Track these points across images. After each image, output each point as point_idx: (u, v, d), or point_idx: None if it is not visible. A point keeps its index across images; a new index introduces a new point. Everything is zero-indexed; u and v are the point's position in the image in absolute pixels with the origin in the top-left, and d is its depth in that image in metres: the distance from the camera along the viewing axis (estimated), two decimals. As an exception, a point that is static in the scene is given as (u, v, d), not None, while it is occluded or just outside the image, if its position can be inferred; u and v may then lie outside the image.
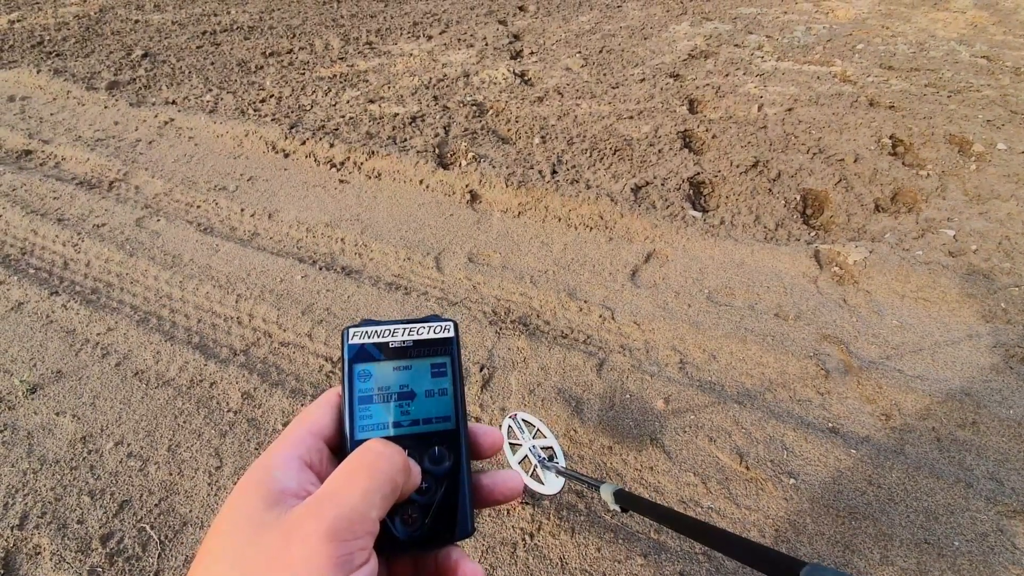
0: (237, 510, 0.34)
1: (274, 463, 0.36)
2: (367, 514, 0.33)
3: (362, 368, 0.42)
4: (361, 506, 0.33)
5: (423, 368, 0.43)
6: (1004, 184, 2.84)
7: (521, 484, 0.45)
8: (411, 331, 0.44)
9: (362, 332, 0.43)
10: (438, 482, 0.40)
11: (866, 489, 1.63)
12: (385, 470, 0.35)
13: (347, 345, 0.43)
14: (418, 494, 0.40)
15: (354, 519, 0.32)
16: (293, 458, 0.37)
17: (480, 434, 0.44)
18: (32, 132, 3.55)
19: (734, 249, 2.50)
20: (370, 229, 2.72)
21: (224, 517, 0.34)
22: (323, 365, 2.03)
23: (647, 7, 5.66)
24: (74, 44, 4.84)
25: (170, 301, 2.31)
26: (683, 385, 1.93)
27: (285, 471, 0.36)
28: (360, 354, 0.42)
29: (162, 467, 1.69)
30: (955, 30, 4.74)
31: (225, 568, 0.31)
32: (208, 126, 3.54)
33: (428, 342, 0.44)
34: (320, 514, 0.32)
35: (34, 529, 1.53)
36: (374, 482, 0.34)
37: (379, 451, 0.36)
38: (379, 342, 0.43)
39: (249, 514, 0.33)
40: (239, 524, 0.33)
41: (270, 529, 0.32)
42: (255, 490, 0.34)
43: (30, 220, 2.74)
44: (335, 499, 0.33)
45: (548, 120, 3.48)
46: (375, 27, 5.20)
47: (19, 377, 1.96)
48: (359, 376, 0.42)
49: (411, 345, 0.43)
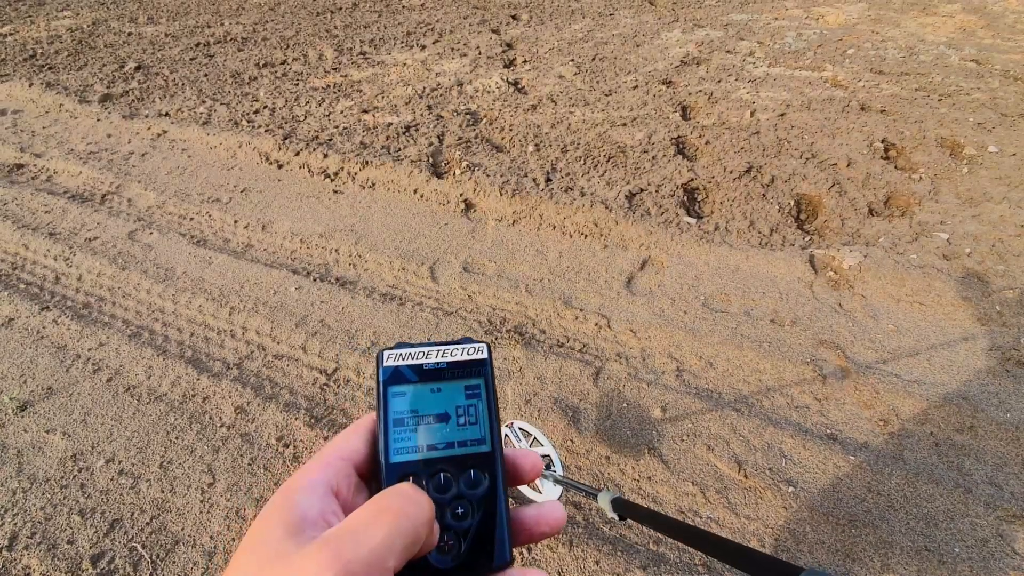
0: (257, 537, 0.33)
1: (299, 488, 0.35)
2: (385, 561, 0.31)
3: (397, 390, 0.42)
4: (380, 551, 0.31)
5: (457, 390, 0.43)
6: (996, 186, 2.85)
7: (564, 517, 0.43)
8: (445, 353, 0.43)
9: (396, 355, 0.43)
10: (475, 507, 0.39)
11: (865, 496, 1.62)
12: (412, 518, 0.33)
13: (382, 368, 0.42)
14: (455, 519, 0.39)
15: (371, 563, 0.31)
16: (319, 484, 0.36)
17: (519, 457, 0.43)
18: (24, 146, 3.54)
19: (729, 255, 2.50)
20: (364, 239, 2.71)
21: (246, 542, 0.33)
22: (317, 378, 2.01)
23: (639, 15, 5.69)
24: (67, 57, 4.83)
25: (162, 315, 2.29)
26: (680, 393, 1.92)
27: (309, 497, 0.35)
28: (395, 376, 0.42)
29: (154, 484, 1.67)
30: (944, 34, 4.79)
31: None
32: (201, 138, 3.54)
33: (462, 364, 0.43)
34: (337, 552, 0.30)
35: (23, 550, 1.51)
36: (398, 527, 0.33)
37: (409, 495, 0.35)
38: (413, 364, 0.43)
39: (268, 542, 0.32)
40: (258, 551, 0.32)
41: (286, 561, 0.31)
42: (276, 516, 0.34)
43: (21, 234, 2.72)
44: (356, 537, 0.32)
45: (542, 128, 3.49)
46: (368, 37, 5.22)
47: (9, 394, 1.93)
48: (393, 398, 0.41)
49: (445, 367, 0.43)
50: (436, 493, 0.39)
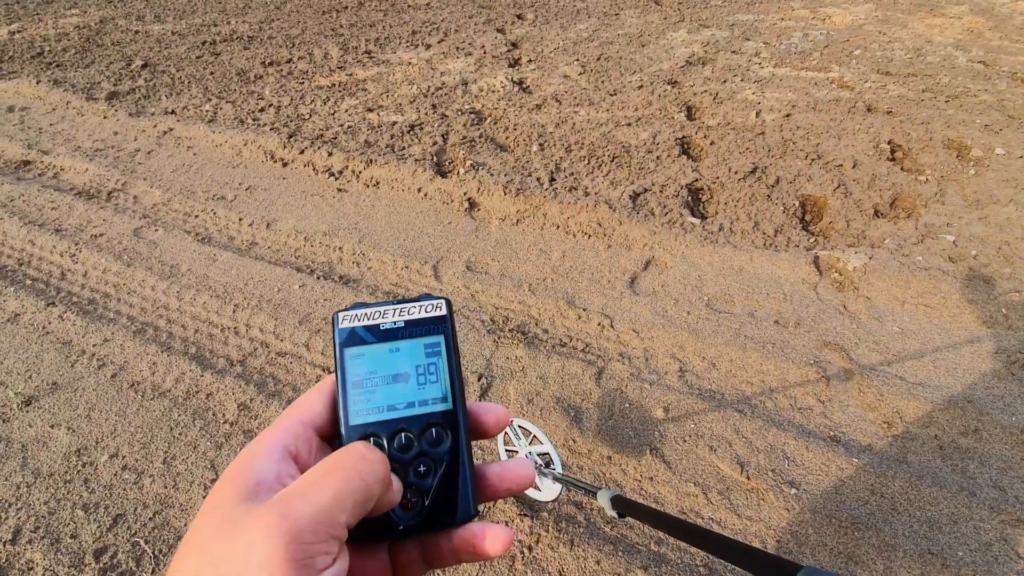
0: (213, 504, 0.33)
1: (256, 453, 0.35)
2: (335, 518, 0.31)
3: (354, 352, 0.41)
4: (330, 508, 0.31)
5: (416, 348, 0.42)
6: (1003, 189, 2.83)
7: (532, 473, 0.43)
8: (402, 311, 0.43)
9: (352, 315, 0.42)
10: (437, 464, 0.39)
11: (868, 499, 1.61)
12: (364, 475, 0.34)
13: (337, 329, 0.42)
14: (417, 477, 0.39)
15: (320, 520, 0.31)
16: (277, 448, 0.36)
17: (483, 412, 0.43)
18: (31, 142, 3.56)
19: (733, 256, 2.49)
20: (368, 238, 2.71)
21: (203, 509, 0.33)
22: (320, 375, 2.02)
23: (645, 15, 5.68)
24: (74, 55, 4.86)
25: (167, 311, 2.30)
26: (683, 393, 1.92)
27: (266, 461, 0.35)
28: (351, 338, 0.42)
29: (157, 480, 1.68)
30: (951, 35, 4.76)
31: (195, 563, 0.30)
32: (207, 136, 3.55)
33: (420, 322, 0.43)
34: (285, 512, 0.30)
35: (27, 544, 1.51)
36: (349, 485, 0.33)
37: (362, 454, 0.35)
38: (370, 324, 0.42)
39: (222, 508, 0.32)
40: (211, 518, 0.32)
41: (238, 523, 0.31)
42: (232, 482, 0.33)
43: (28, 230, 2.74)
44: (304, 497, 0.31)
45: (546, 128, 3.48)
46: (374, 36, 5.23)
47: (14, 389, 1.95)
48: (351, 360, 0.41)
49: (402, 326, 0.42)
50: (398, 453, 0.39)
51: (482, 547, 0.38)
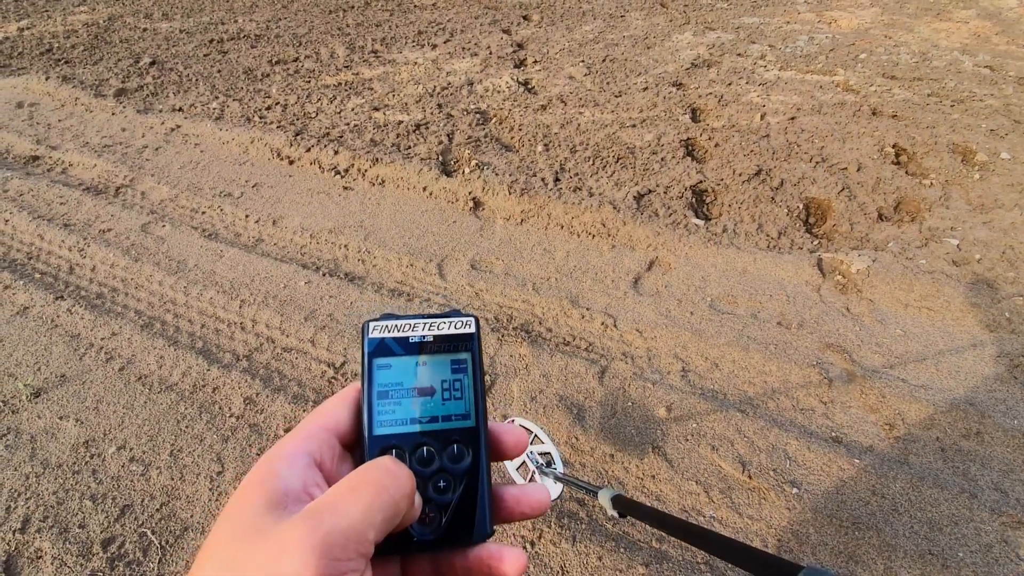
0: (238, 510, 0.33)
1: (281, 459, 0.35)
2: (364, 533, 0.31)
3: (382, 362, 0.41)
4: (360, 524, 0.31)
5: (443, 364, 0.42)
6: (1008, 193, 2.83)
7: (548, 500, 0.42)
8: (431, 326, 0.43)
9: (382, 326, 0.42)
10: (457, 481, 0.40)
11: (869, 499, 1.62)
12: (392, 491, 0.33)
13: (367, 339, 0.42)
14: (436, 493, 0.39)
15: (350, 536, 0.30)
16: (301, 455, 0.35)
17: (503, 433, 0.43)
18: (40, 138, 3.59)
19: (737, 257, 2.50)
20: (373, 236, 2.73)
21: (225, 516, 0.33)
22: (325, 371, 2.03)
23: (650, 17, 5.69)
24: (83, 51, 4.89)
25: (174, 306, 2.32)
26: (685, 393, 1.93)
27: (291, 468, 0.34)
28: (380, 348, 0.41)
29: (164, 472, 1.70)
30: (958, 40, 4.76)
31: (218, 567, 0.31)
32: (214, 133, 3.58)
33: (448, 338, 0.43)
34: (315, 526, 0.30)
35: (36, 533, 1.53)
36: (378, 501, 0.32)
37: (389, 469, 0.34)
38: (399, 336, 0.42)
39: (248, 515, 0.32)
40: (237, 526, 0.32)
41: (265, 535, 0.31)
42: (257, 489, 0.33)
43: (36, 225, 2.77)
44: (335, 511, 0.31)
45: (551, 128, 3.50)
46: (380, 36, 5.25)
47: (23, 381, 1.97)
48: (379, 370, 0.41)
49: (431, 340, 0.42)
50: (419, 466, 0.39)
51: (499, 569, 0.38)
